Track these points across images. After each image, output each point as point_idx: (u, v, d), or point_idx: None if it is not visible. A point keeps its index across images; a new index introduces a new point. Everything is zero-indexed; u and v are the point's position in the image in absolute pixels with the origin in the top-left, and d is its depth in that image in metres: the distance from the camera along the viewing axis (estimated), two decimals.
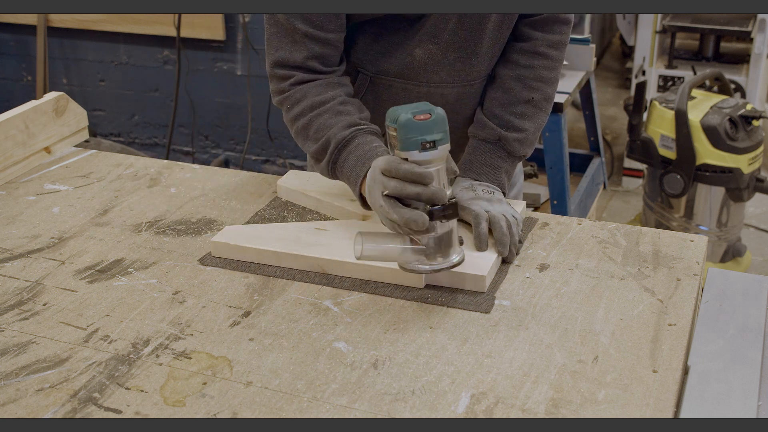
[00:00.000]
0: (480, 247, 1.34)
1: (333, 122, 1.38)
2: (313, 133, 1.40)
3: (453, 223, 1.23)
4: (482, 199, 1.41)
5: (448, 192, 1.21)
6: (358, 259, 1.23)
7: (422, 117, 1.17)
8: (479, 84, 1.55)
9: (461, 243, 1.26)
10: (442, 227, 1.22)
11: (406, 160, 1.19)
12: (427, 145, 1.18)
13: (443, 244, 1.23)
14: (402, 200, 1.21)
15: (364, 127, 1.38)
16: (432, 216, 1.19)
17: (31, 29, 4.21)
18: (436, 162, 1.20)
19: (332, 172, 1.40)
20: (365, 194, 1.30)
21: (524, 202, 1.51)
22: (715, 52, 4.28)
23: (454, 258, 1.24)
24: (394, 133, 1.18)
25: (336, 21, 1.41)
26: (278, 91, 1.45)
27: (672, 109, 3.16)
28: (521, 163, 1.65)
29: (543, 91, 1.50)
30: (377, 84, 1.53)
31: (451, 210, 1.20)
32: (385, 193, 1.21)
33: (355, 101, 1.45)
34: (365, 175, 1.31)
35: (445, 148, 1.20)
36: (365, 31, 1.49)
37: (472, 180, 1.48)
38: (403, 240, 1.23)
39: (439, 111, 1.19)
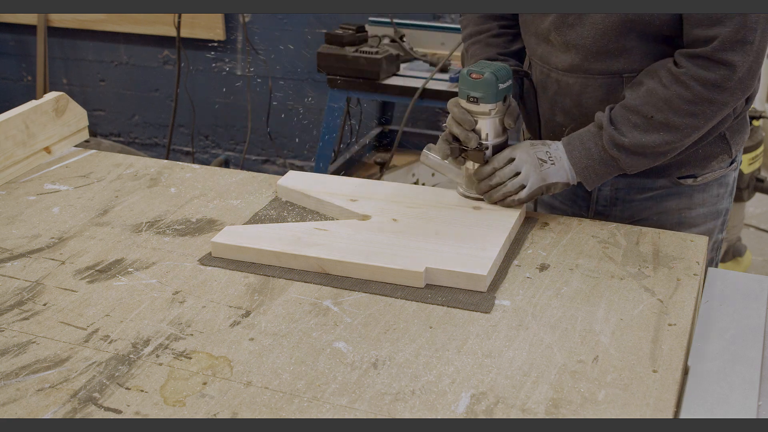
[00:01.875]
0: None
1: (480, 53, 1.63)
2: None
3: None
4: (528, 155, 1.47)
5: (488, 141, 1.49)
6: (421, 161, 1.53)
7: (474, 76, 1.45)
8: (603, 80, 1.49)
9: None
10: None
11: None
12: (472, 99, 1.46)
13: (472, 180, 1.51)
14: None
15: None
16: (452, 152, 1.50)
17: (31, 29, 4.21)
18: (479, 114, 1.47)
19: None
20: None
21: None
22: None
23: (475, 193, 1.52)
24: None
25: None
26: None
27: None
28: None
29: (667, 116, 1.40)
30: (532, 67, 1.64)
31: (471, 154, 1.49)
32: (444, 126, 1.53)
33: (507, 36, 1.65)
34: None
35: (488, 106, 1.46)
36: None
37: (560, 144, 1.49)
38: (458, 165, 1.54)
39: (489, 76, 1.43)
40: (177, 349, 1.17)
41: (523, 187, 1.47)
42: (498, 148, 1.49)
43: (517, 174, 1.47)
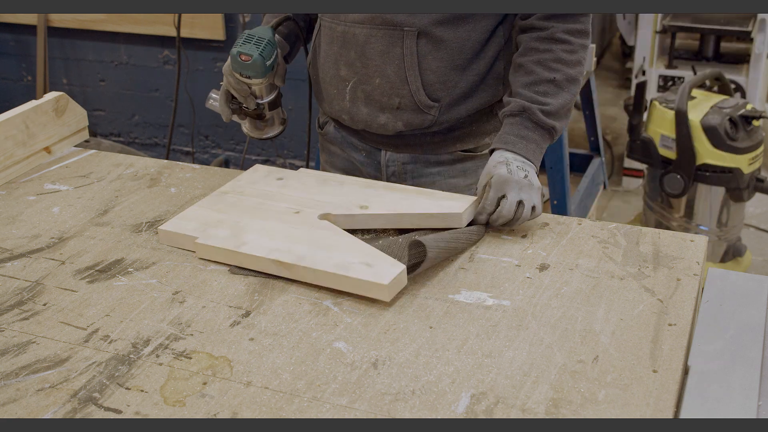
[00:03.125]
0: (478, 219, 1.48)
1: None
2: None
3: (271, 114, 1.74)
4: (513, 183, 1.45)
5: (264, 101, 1.70)
6: (207, 106, 1.74)
7: (244, 58, 1.59)
8: (386, 32, 1.58)
9: (283, 123, 1.78)
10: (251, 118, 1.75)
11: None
12: (245, 76, 1.62)
13: (259, 125, 1.77)
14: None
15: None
16: (235, 112, 1.73)
17: (31, 29, 4.21)
18: (253, 84, 1.65)
19: None
20: None
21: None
22: (715, 52, 4.28)
23: (270, 133, 1.78)
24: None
25: None
26: None
27: (672, 109, 3.16)
28: None
29: (564, 71, 1.53)
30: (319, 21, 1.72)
31: (250, 113, 1.72)
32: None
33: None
34: None
35: (257, 80, 1.62)
36: None
37: (506, 151, 1.50)
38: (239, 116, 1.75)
39: (257, 58, 1.58)
40: (177, 349, 1.17)
41: (533, 208, 1.45)
42: (273, 104, 1.71)
43: (520, 203, 1.45)
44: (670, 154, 3.20)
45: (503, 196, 1.44)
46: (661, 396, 1.05)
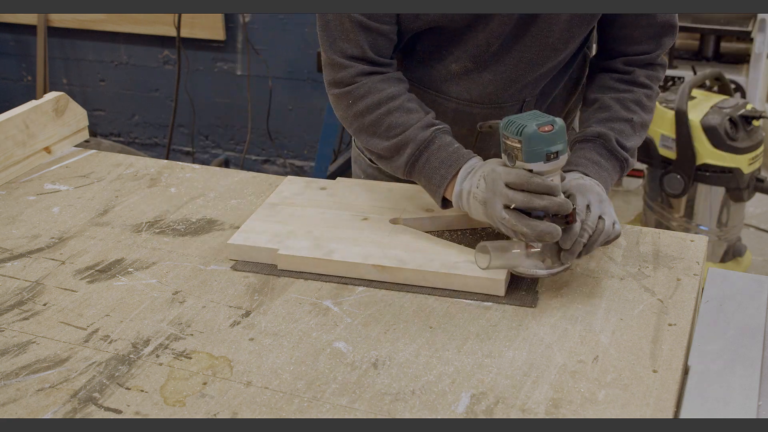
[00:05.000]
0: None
1: (406, 120, 1.38)
2: (384, 131, 1.39)
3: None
4: (594, 192, 1.30)
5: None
6: (483, 269, 1.26)
7: (546, 128, 1.20)
8: (512, 108, 1.52)
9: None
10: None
11: (531, 171, 1.22)
12: (551, 156, 1.21)
13: (556, 249, 1.26)
14: (524, 210, 1.23)
15: (441, 126, 1.39)
16: (556, 234, 1.22)
17: (31, 29, 4.21)
18: (557, 172, 1.24)
19: (409, 173, 1.39)
20: (450, 197, 1.35)
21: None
22: (715, 52, 4.27)
23: (562, 265, 1.27)
24: (518, 145, 1.21)
25: (389, 14, 1.39)
26: (337, 82, 1.42)
27: (672, 109, 3.16)
28: None
29: (641, 115, 1.47)
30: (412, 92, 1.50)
31: (572, 218, 1.23)
32: (512, 206, 1.22)
33: (417, 99, 1.44)
34: (452, 179, 1.34)
35: (565, 158, 1.23)
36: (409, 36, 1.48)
37: (581, 173, 1.37)
38: (521, 246, 1.26)
39: (560, 121, 1.22)
40: (177, 349, 1.17)
41: (614, 223, 1.29)
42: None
43: (601, 218, 1.28)
44: (670, 154, 3.20)
45: (587, 207, 1.27)
46: (661, 396, 1.05)
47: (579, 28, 1.44)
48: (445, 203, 1.37)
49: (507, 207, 1.23)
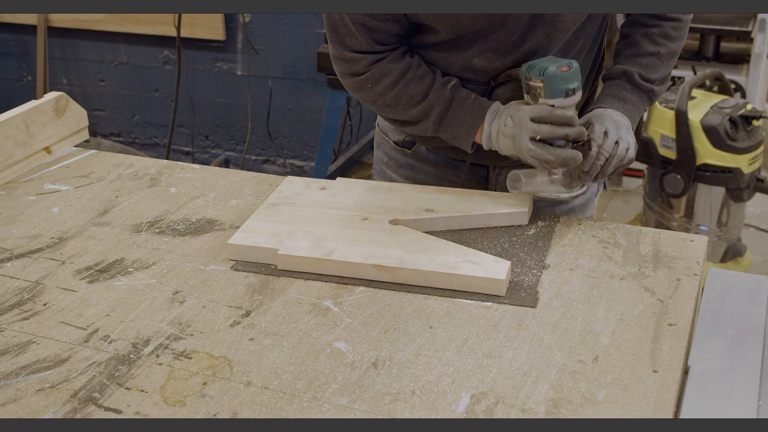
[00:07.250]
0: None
1: (423, 87, 1.50)
2: (405, 102, 1.51)
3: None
4: (612, 120, 1.45)
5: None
6: (513, 190, 1.47)
7: (564, 69, 1.39)
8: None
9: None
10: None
11: (552, 106, 1.40)
12: (569, 92, 1.40)
13: (576, 174, 1.46)
14: (547, 141, 1.40)
15: (453, 81, 1.50)
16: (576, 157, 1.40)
17: (31, 29, 4.21)
18: (573, 106, 1.42)
19: (436, 131, 1.52)
20: (480, 140, 1.49)
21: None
22: (715, 52, 4.27)
23: (582, 187, 1.48)
24: (540, 84, 1.39)
25: (391, 18, 1.45)
26: (352, 73, 1.53)
27: (672, 109, 3.16)
28: None
29: (668, 46, 1.56)
30: None
31: (587, 146, 1.42)
32: (538, 138, 1.39)
33: (420, 61, 1.53)
34: (480, 124, 1.48)
35: (579, 94, 1.42)
36: (425, 31, 1.51)
37: (602, 110, 1.50)
38: (545, 174, 1.46)
39: (575, 63, 1.40)
40: (177, 349, 1.17)
41: (627, 149, 1.44)
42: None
43: (617, 143, 1.43)
44: (670, 154, 3.20)
45: (605, 133, 1.43)
46: (661, 396, 1.05)
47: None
48: (471, 147, 1.51)
49: (533, 139, 1.39)
